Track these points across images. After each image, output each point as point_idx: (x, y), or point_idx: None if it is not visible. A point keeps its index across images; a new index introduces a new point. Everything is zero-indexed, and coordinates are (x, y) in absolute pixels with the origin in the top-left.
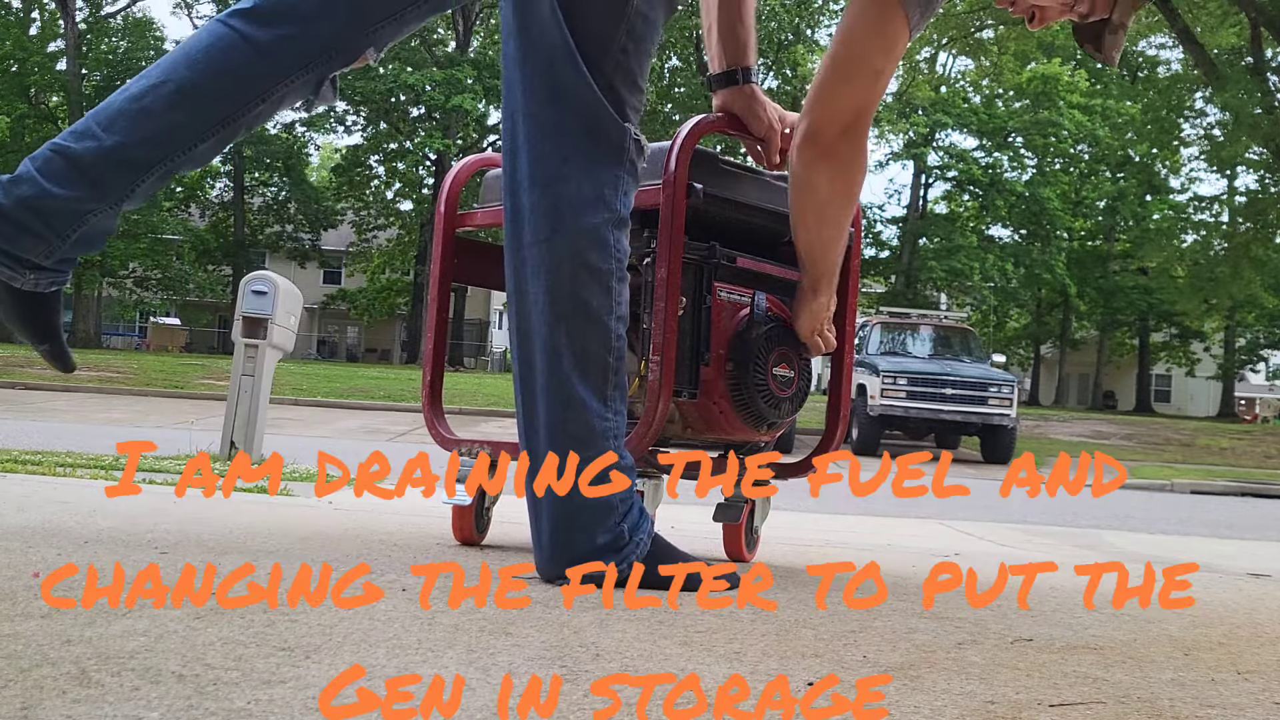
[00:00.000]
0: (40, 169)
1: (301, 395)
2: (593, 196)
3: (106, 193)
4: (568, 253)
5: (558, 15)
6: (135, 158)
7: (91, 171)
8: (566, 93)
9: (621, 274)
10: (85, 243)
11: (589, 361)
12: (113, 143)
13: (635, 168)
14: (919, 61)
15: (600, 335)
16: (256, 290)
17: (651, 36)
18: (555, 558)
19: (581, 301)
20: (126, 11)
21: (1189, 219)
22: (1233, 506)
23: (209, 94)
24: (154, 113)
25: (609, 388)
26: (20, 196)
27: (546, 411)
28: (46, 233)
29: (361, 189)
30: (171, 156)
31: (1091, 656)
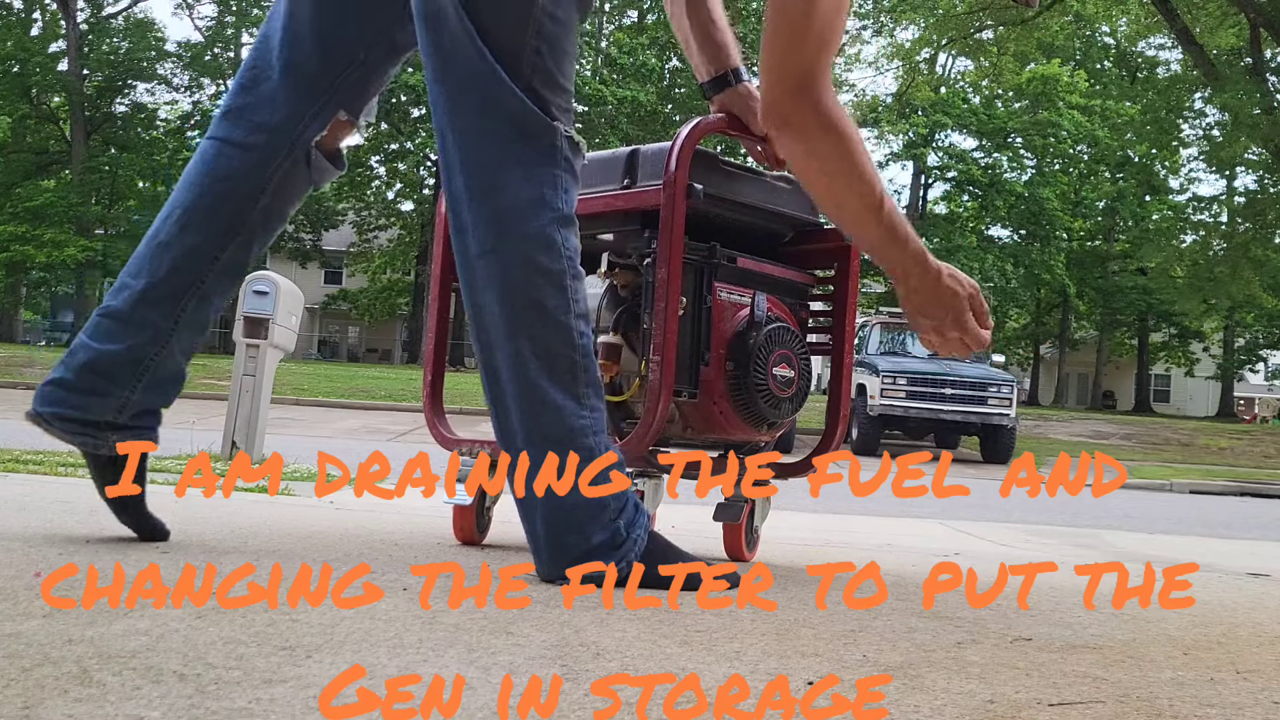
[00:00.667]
0: (89, 334)
1: (302, 395)
2: (533, 199)
3: (153, 333)
4: (516, 258)
5: (468, 28)
6: (167, 290)
7: (134, 318)
8: (489, 101)
9: (575, 271)
10: (156, 390)
11: (555, 362)
12: (143, 284)
13: (572, 165)
14: (919, 62)
15: (562, 334)
16: (258, 290)
17: (566, 36)
18: (553, 559)
19: (537, 304)
20: (128, 12)
21: (1188, 219)
22: (1232, 506)
23: (210, 207)
24: (169, 243)
25: (580, 385)
26: (79, 364)
27: (521, 417)
28: (112, 389)
29: (363, 189)
30: (200, 277)
31: (1091, 656)
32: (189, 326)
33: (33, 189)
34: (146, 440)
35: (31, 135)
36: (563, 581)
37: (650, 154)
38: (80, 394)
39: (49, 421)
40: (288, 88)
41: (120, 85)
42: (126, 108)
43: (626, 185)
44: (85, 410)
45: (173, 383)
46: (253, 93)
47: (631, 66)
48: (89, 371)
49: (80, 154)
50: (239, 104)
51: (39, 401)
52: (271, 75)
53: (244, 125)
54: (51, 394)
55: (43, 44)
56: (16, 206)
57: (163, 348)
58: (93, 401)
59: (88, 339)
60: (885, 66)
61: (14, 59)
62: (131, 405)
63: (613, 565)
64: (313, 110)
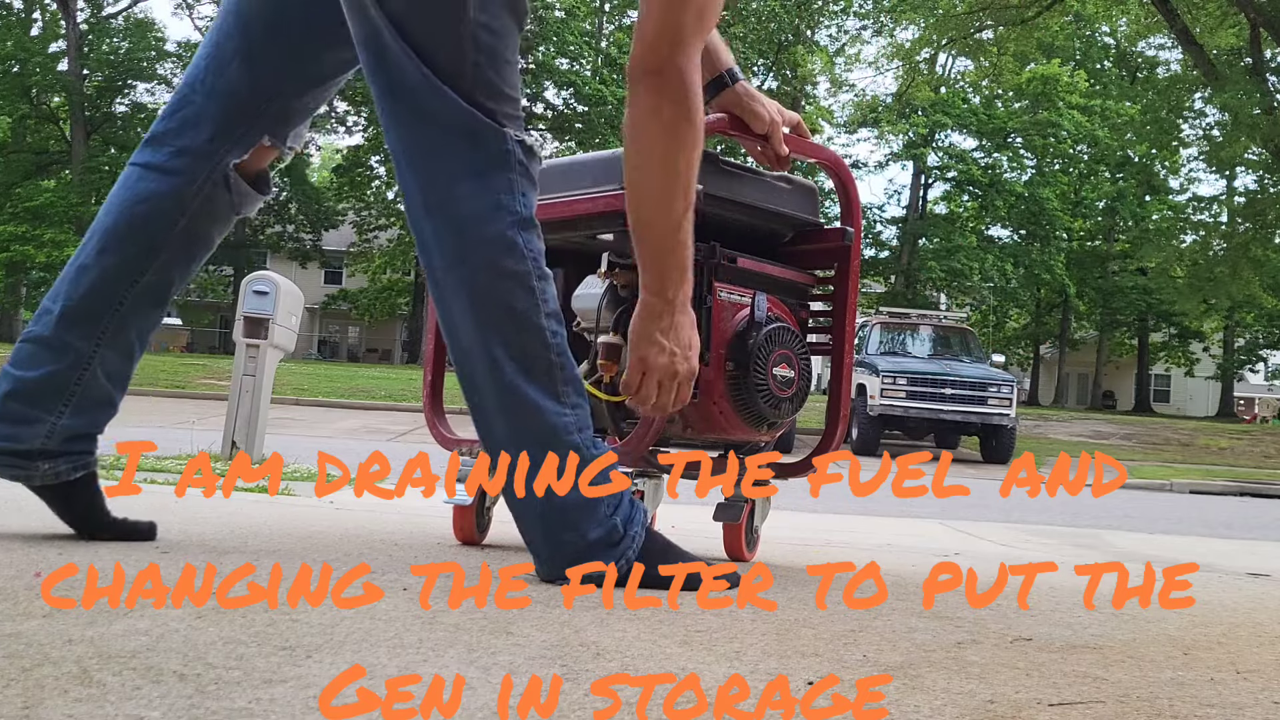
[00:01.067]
0: (12, 362)
1: (302, 395)
2: (490, 205)
3: (75, 356)
4: (480, 263)
5: (406, 50)
6: (84, 311)
7: (54, 342)
8: (435, 115)
9: (540, 272)
10: (84, 414)
11: (531, 363)
12: (60, 307)
13: (527, 169)
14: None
15: (535, 335)
16: (258, 290)
17: (503, 45)
18: (552, 559)
19: (507, 306)
20: (128, 12)
21: (1188, 219)
22: (1232, 506)
23: (128, 229)
24: (88, 266)
25: (558, 383)
26: (2, 394)
27: (504, 421)
28: (38, 414)
29: (362, 189)
30: (118, 299)
31: (1091, 656)
32: (111, 349)
33: (33, 189)
34: (81, 468)
35: (31, 135)
36: (563, 581)
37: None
38: (7, 423)
39: None
40: (211, 113)
41: (120, 85)
42: (126, 108)
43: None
44: (14, 440)
45: (102, 407)
46: (176, 118)
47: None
48: (12, 400)
49: (80, 154)
50: (162, 130)
51: None
52: (196, 100)
53: (165, 150)
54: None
55: (43, 44)
56: (16, 206)
57: (84, 370)
58: (20, 430)
59: (10, 367)
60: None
61: (14, 59)
62: (60, 430)
63: (612, 565)
64: (235, 135)
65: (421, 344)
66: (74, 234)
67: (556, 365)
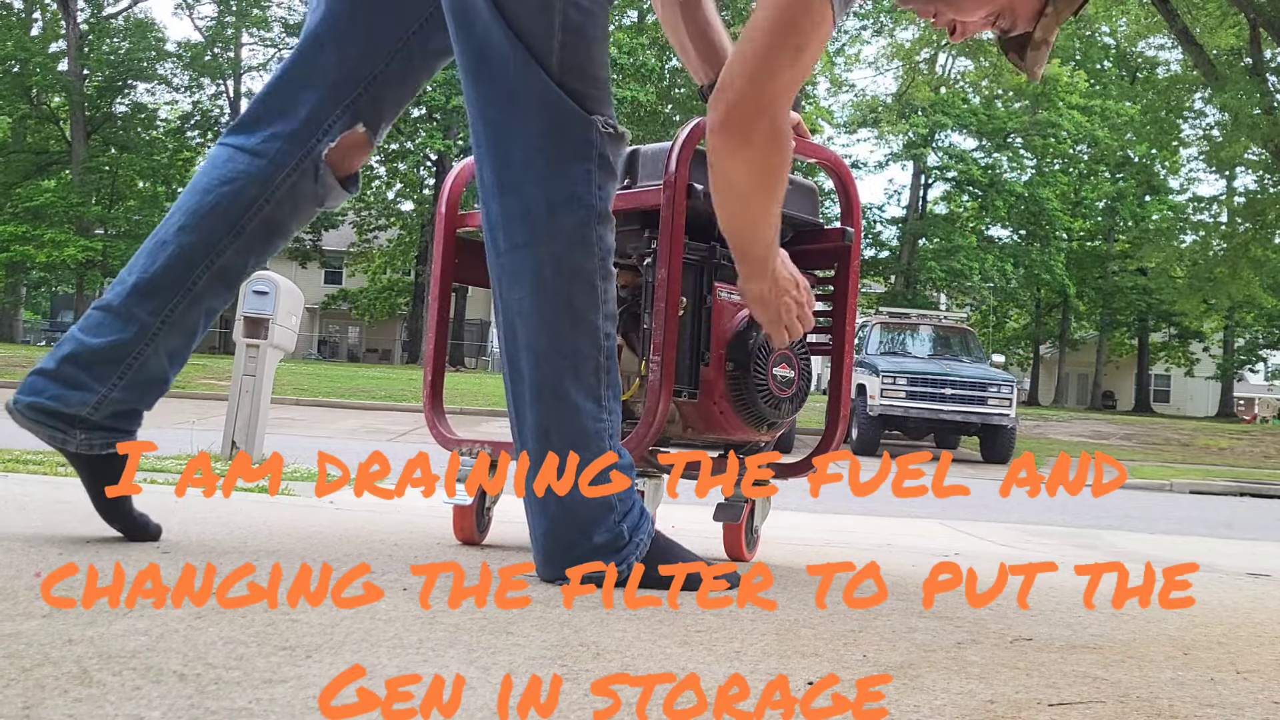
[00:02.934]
0: (80, 326)
1: (303, 395)
2: (565, 196)
3: (139, 329)
4: (547, 255)
5: (497, 18)
6: (157, 286)
7: (121, 312)
8: (519, 94)
9: (605, 271)
10: (136, 390)
11: (579, 362)
12: (135, 278)
13: (608, 160)
14: (919, 62)
15: (588, 335)
16: (257, 290)
17: (593, 25)
18: (553, 558)
19: (565, 303)
20: (128, 12)
21: (1188, 219)
22: (1232, 506)
23: (212, 208)
24: (167, 241)
25: (601, 387)
26: (62, 355)
27: (538, 415)
28: (91, 383)
29: (363, 189)
30: (193, 278)
31: (1091, 656)
32: (177, 327)
33: (33, 189)
34: (124, 440)
35: (31, 135)
36: (563, 581)
37: (650, 154)
38: (59, 384)
39: (20, 411)
40: (305, 98)
41: (120, 85)
42: (127, 108)
43: (626, 185)
44: (61, 402)
45: (155, 385)
46: (270, 102)
47: (631, 66)
48: (70, 363)
49: (80, 154)
50: (256, 113)
51: (19, 391)
52: (290, 85)
53: (259, 134)
54: (32, 383)
55: (43, 44)
56: (17, 206)
57: (147, 345)
58: (70, 394)
59: (77, 330)
60: (885, 66)
61: (14, 59)
62: (109, 403)
63: (612, 565)
64: (328, 121)
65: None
66: (74, 234)
67: (603, 369)
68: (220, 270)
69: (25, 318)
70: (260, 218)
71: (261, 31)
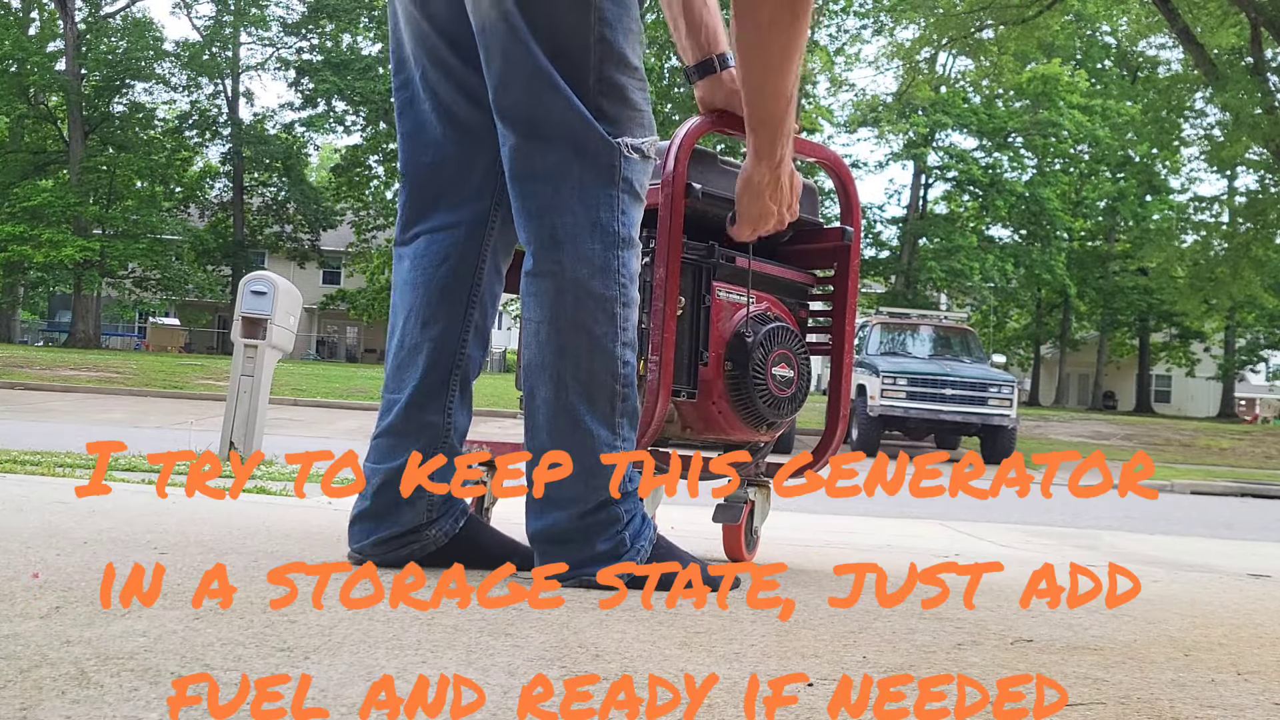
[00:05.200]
0: (372, 459)
1: (301, 395)
2: (588, 222)
3: (433, 432)
4: (568, 282)
5: (529, 37)
6: (431, 387)
7: (409, 429)
8: (546, 118)
9: (627, 299)
10: (447, 475)
11: (595, 390)
12: (409, 393)
13: (632, 185)
14: (919, 61)
15: (605, 363)
16: (256, 290)
17: (623, 30)
18: (550, 562)
19: (585, 329)
20: (125, 11)
21: (1189, 219)
22: (1233, 506)
23: (442, 293)
24: (418, 345)
25: (616, 415)
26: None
27: (551, 438)
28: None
29: (361, 189)
30: (455, 362)
31: (1092, 657)
32: (460, 410)
33: (30, 189)
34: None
35: (29, 135)
36: (567, 581)
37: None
38: (389, 516)
39: (369, 554)
40: (459, 154)
41: (118, 85)
42: (124, 107)
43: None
44: (398, 524)
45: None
46: (429, 184)
47: None
48: (385, 493)
49: (78, 153)
50: (419, 199)
51: (353, 540)
52: (436, 156)
53: (439, 212)
54: (361, 530)
55: (40, 43)
56: (14, 206)
57: (444, 441)
58: (402, 514)
59: (372, 464)
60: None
61: (11, 58)
62: (438, 501)
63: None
64: (494, 155)
65: None
66: (72, 234)
67: (619, 395)
68: (474, 338)
69: (23, 318)
70: (485, 274)
71: (260, 31)
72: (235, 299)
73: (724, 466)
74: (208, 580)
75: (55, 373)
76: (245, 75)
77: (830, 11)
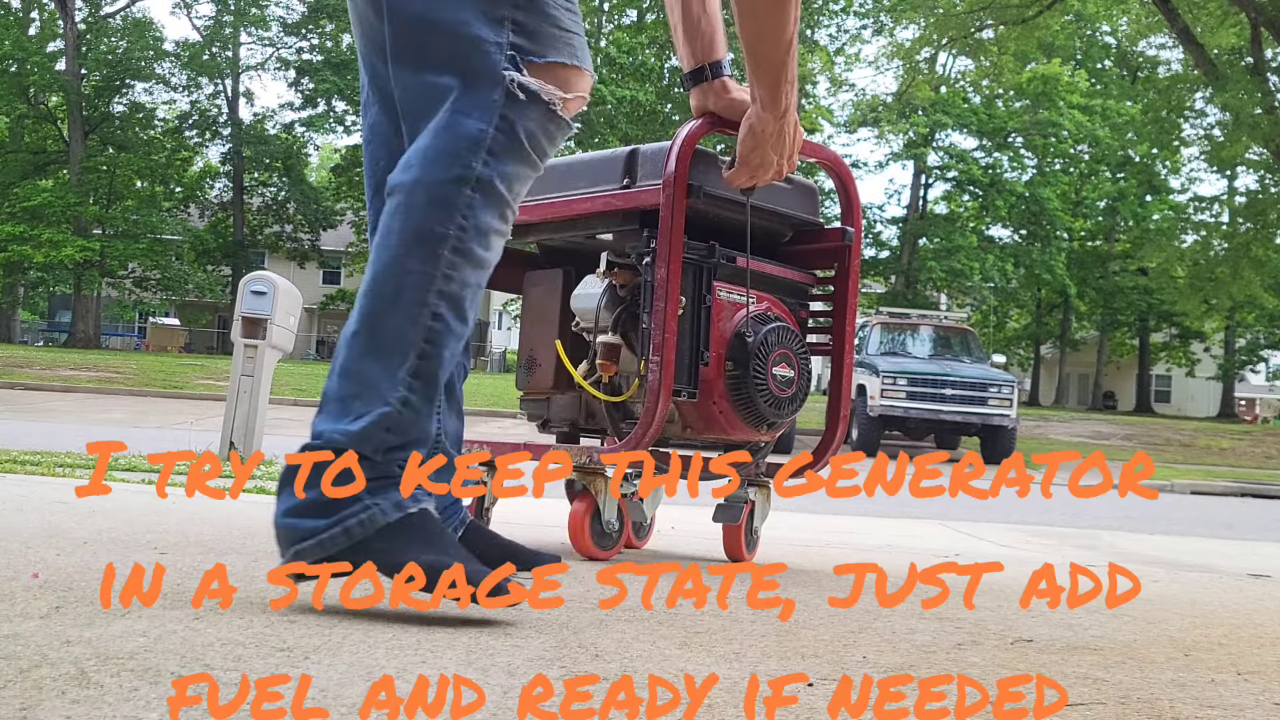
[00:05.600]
0: None
1: (301, 395)
2: (447, 151)
3: None
4: (401, 204)
5: None
6: None
7: None
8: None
9: (461, 246)
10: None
11: (386, 343)
12: None
13: (513, 128)
14: (919, 61)
15: (409, 314)
16: (256, 290)
17: None
18: (281, 538)
19: (400, 267)
20: (125, 11)
21: (1189, 219)
22: (1233, 507)
23: None
24: None
25: (404, 372)
26: None
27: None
28: None
29: (361, 189)
30: None
31: (1092, 657)
32: (449, 415)
33: (30, 189)
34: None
35: (29, 135)
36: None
37: (650, 154)
38: None
39: None
40: None
41: (118, 85)
42: (124, 107)
43: (626, 185)
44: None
45: (449, 471)
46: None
47: (631, 66)
48: None
49: (78, 153)
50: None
51: None
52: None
53: None
54: None
55: (40, 43)
56: (14, 206)
57: (435, 447)
58: None
59: None
60: (885, 66)
61: (12, 58)
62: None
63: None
64: None
65: None
66: (71, 234)
67: (416, 351)
68: None
69: (23, 318)
70: None
71: (260, 31)
72: (235, 299)
73: (724, 466)
74: (208, 580)
75: (55, 373)
76: (245, 75)
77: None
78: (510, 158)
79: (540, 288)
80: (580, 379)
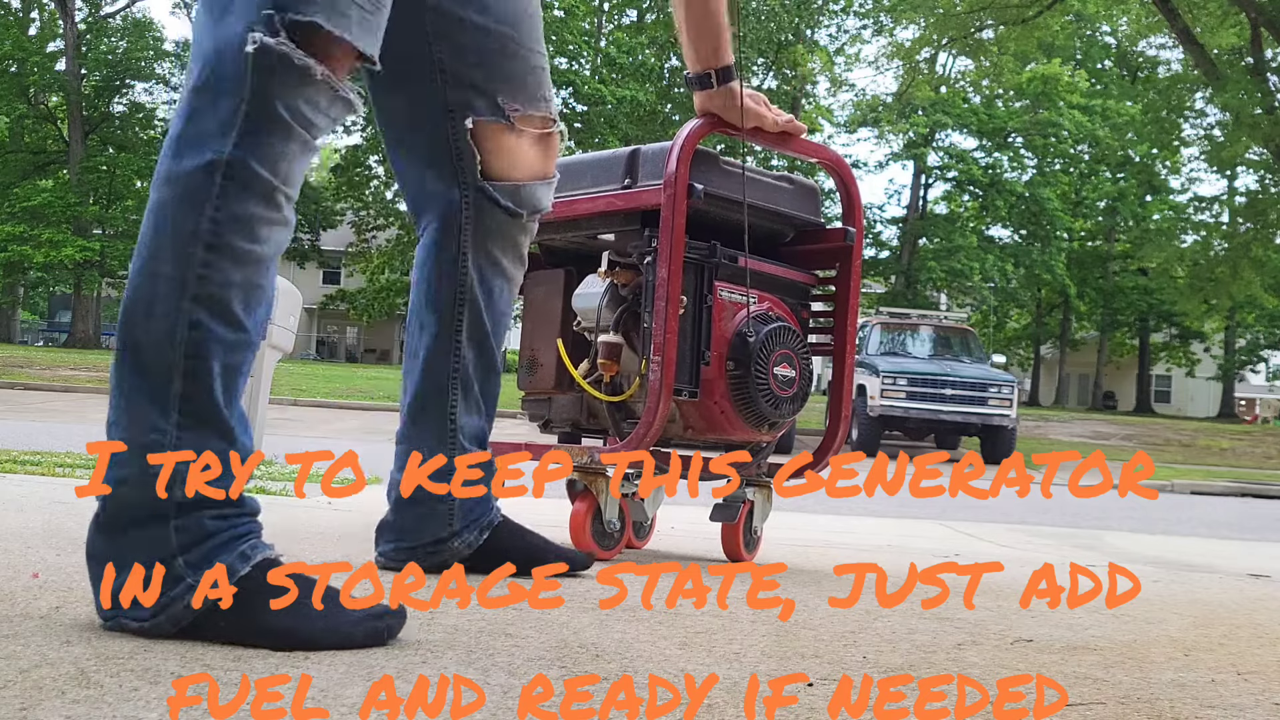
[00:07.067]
0: (396, 466)
1: (301, 395)
2: (192, 134)
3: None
4: (150, 206)
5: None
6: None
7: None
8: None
9: (214, 241)
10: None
11: (143, 357)
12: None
13: (268, 101)
14: (919, 61)
15: (162, 326)
16: None
17: None
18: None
19: (151, 272)
20: (126, 12)
21: (1189, 219)
22: (1233, 507)
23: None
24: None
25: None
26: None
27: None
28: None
29: (361, 189)
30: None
31: (1092, 657)
32: (469, 413)
33: (30, 189)
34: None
35: (29, 135)
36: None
37: (651, 154)
38: (409, 525)
39: (391, 562)
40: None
41: (118, 85)
42: (124, 107)
43: (627, 185)
44: (419, 535)
45: (489, 465)
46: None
47: (631, 66)
48: (404, 500)
49: (78, 154)
50: (410, 202)
51: (377, 546)
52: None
53: (424, 213)
54: (384, 539)
55: (40, 43)
56: (14, 206)
57: (451, 443)
58: (423, 526)
59: (395, 470)
60: (885, 66)
61: (12, 59)
62: (459, 509)
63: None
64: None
65: None
66: (72, 234)
67: (175, 368)
68: (469, 340)
69: (23, 318)
70: (469, 268)
71: None
72: None
73: (724, 466)
74: (208, 580)
75: (55, 373)
76: None
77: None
78: (267, 132)
79: (542, 288)
80: (581, 379)
